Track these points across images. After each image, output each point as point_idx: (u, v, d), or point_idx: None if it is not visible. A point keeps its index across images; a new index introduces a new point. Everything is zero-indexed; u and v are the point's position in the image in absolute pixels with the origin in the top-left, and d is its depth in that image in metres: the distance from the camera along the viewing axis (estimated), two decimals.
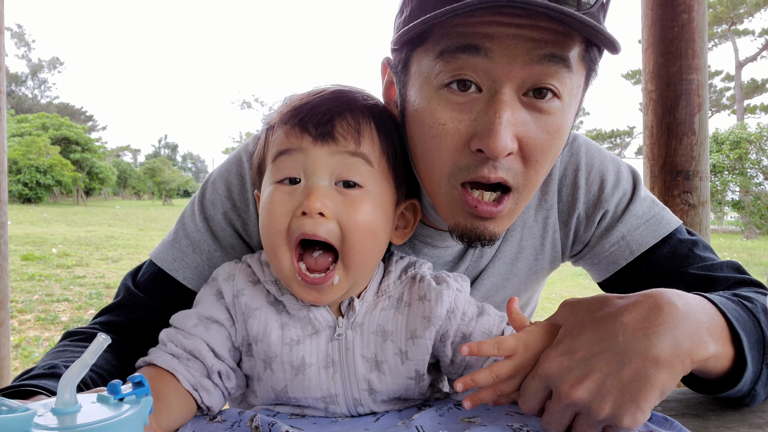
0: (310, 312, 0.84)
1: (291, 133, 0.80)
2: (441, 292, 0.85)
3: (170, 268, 1.00)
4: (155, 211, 30.62)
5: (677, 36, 2.06)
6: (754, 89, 37.81)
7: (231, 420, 0.80)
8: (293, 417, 0.85)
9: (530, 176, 0.81)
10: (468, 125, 0.77)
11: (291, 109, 0.82)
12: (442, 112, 0.78)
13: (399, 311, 0.86)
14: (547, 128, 0.78)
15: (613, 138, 43.70)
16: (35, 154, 34.72)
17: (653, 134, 2.14)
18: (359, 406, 0.85)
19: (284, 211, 0.78)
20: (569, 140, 1.05)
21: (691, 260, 0.98)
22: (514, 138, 0.76)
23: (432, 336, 0.84)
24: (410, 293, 0.87)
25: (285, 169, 0.80)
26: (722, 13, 33.73)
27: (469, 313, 0.87)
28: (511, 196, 0.82)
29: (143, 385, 0.53)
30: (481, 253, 1.04)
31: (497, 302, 1.07)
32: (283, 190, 0.79)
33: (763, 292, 0.90)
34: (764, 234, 20.42)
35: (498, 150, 0.74)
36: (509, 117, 0.74)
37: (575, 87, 0.79)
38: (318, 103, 0.81)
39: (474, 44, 0.73)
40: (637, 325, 0.66)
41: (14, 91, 76.52)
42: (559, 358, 0.67)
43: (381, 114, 0.85)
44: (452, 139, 0.78)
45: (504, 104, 0.74)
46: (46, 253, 9.92)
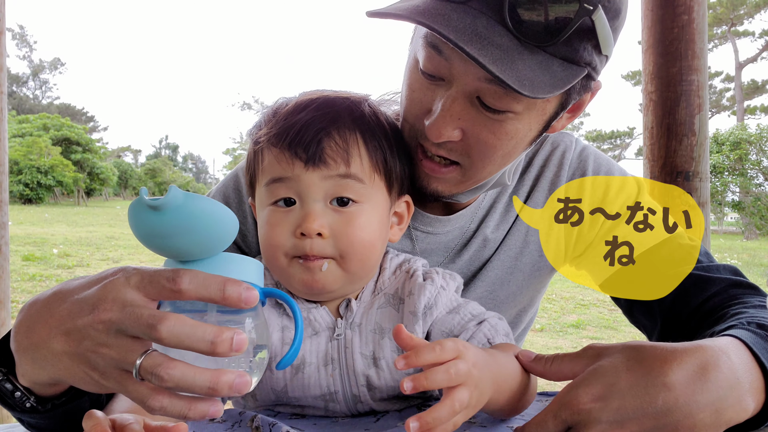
0: (310, 314, 0.85)
1: (282, 159, 0.81)
2: (424, 287, 0.86)
3: None
4: None
5: (677, 37, 2.07)
6: (754, 90, 37.81)
7: (232, 420, 0.80)
8: (294, 417, 0.85)
9: (476, 162, 0.87)
10: (428, 100, 0.84)
11: (278, 129, 0.82)
12: (415, 81, 0.86)
13: (394, 308, 0.87)
14: (495, 130, 0.83)
15: (613, 139, 43.74)
16: (36, 155, 34.77)
17: (653, 135, 2.14)
18: (359, 403, 0.86)
19: (283, 231, 0.80)
20: (578, 149, 1.09)
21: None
22: (457, 129, 0.83)
23: (421, 330, 0.85)
24: (403, 289, 0.89)
25: (279, 194, 0.82)
26: (722, 14, 33.75)
27: (441, 308, 0.87)
28: (457, 167, 0.88)
29: None
30: (485, 243, 1.06)
31: (502, 298, 1.09)
32: (280, 212, 0.82)
33: (762, 298, 0.91)
34: (764, 235, 20.42)
35: (433, 136, 0.82)
36: (455, 111, 0.81)
37: (540, 102, 0.81)
38: (305, 122, 0.81)
39: (437, 45, 0.80)
40: (680, 389, 0.62)
41: (15, 92, 76.62)
42: (591, 403, 0.63)
43: (369, 124, 0.86)
44: (415, 107, 0.87)
45: (453, 99, 0.81)
46: (46, 253, 9.94)
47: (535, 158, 1.09)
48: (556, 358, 0.74)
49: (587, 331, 6.33)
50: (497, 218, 1.07)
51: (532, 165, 1.09)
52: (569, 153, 1.08)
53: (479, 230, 1.07)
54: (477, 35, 0.73)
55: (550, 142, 1.10)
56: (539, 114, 0.84)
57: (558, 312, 7.26)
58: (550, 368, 0.74)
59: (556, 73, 0.76)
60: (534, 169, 1.09)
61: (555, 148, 1.09)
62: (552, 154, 1.09)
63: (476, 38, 0.72)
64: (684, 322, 0.96)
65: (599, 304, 7.76)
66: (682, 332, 0.96)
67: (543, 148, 1.10)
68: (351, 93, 0.91)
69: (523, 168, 1.10)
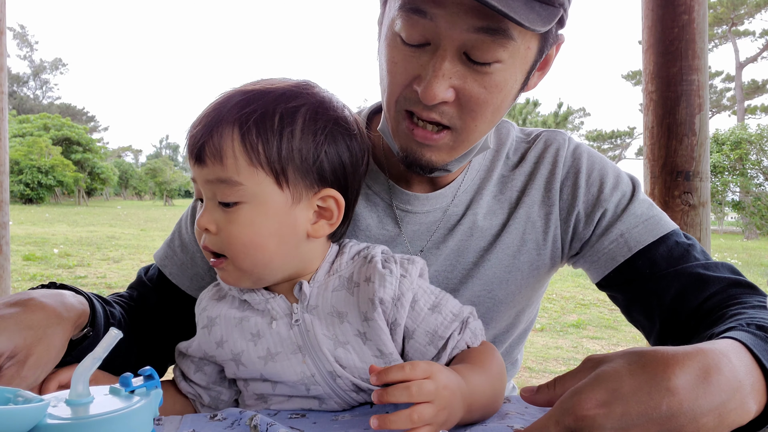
0: (269, 303, 0.87)
1: (187, 154, 0.86)
2: (384, 276, 0.84)
3: (161, 264, 1.11)
4: (156, 212, 30.66)
5: (677, 37, 2.07)
6: (755, 90, 37.79)
7: (231, 419, 0.81)
8: (293, 417, 0.86)
9: (468, 122, 0.88)
10: (414, 68, 0.85)
11: (189, 130, 0.86)
12: (397, 53, 0.87)
13: (350, 292, 0.85)
14: (485, 83, 0.85)
15: (613, 139, 43.71)
16: (37, 155, 34.78)
17: (653, 135, 2.14)
18: (337, 378, 0.85)
19: (196, 229, 0.86)
20: (571, 147, 1.09)
21: (686, 260, 0.99)
22: (449, 89, 0.84)
23: (382, 318, 0.83)
24: (359, 273, 0.86)
25: (197, 192, 0.87)
26: (723, 14, 33.73)
27: (421, 302, 0.86)
28: (449, 132, 0.89)
29: (153, 378, 0.54)
30: (472, 230, 1.05)
31: (500, 297, 1.08)
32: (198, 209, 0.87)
33: (761, 297, 0.90)
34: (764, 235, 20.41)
35: (428, 98, 0.83)
36: (446, 70, 0.82)
37: (522, 49, 0.85)
38: (198, 122, 0.84)
39: (421, 9, 0.81)
40: (684, 394, 0.61)
41: (16, 92, 76.66)
42: (595, 409, 0.62)
43: (262, 118, 0.81)
44: (401, 77, 0.87)
45: (442, 59, 0.82)
46: (47, 253, 9.94)
47: (527, 153, 1.09)
48: (558, 380, 0.73)
49: (587, 330, 6.33)
50: (486, 205, 1.06)
51: (525, 160, 1.08)
52: (563, 151, 1.08)
53: (466, 215, 1.05)
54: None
55: (543, 140, 1.10)
56: (522, 62, 0.87)
57: (558, 312, 7.26)
58: (556, 393, 0.72)
59: (540, 12, 0.80)
60: (527, 165, 1.08)
61: (548, 146, 1.09)
62: (545, 151, 1.08)
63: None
64: (683, 323, 0.96)
65: (599, 304, 7.76)
66: (680, 333, 0.96)
67: (536, 145, 1.10)
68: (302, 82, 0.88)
69: (515, 162, 1.09)
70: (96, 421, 0.48)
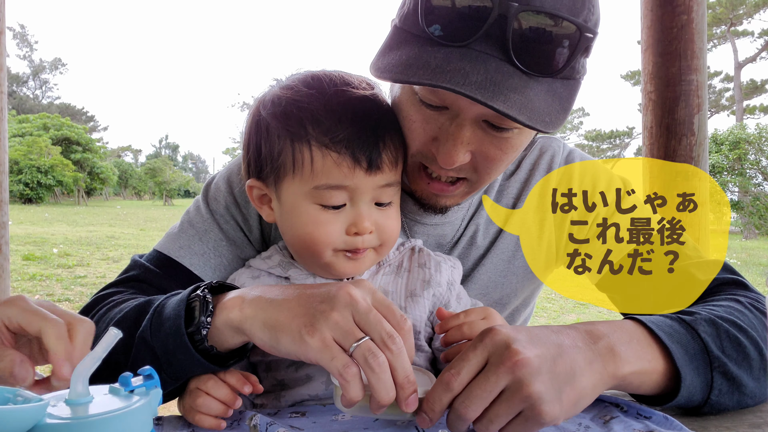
0: (316, 280, 0.92)
1: (343, 165, 0.83)
2: (440, 263, 0.97)
3: (177, 255, 1.05)
4: (156, 211, 30.65)
5: (676, 37, 2.07)
6: (754, 90, 37.83)
7: (231, 419, 0.81)
8: (293, 417, 0.86)
9: (483, 176, 0.92)
10: (433, 129, 0.87)
11: (332, 132, 0.83)
12: (415, 112, 0.88)
13: (399, 275, 0.96)
14: (502, 146, 0.87)
15: (612, 138, 43.77)
16: (36, 155, 34.75)
17: (652, 135, 2.15)
18: None
19: (334, 230, 0.86)
20: (564, 153, 1.13)
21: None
22: (467, 153, 0.87)
23: (430, 297, 0.92)
24: (410, 261, 0.98)
25: (332, 199, 0.86)
26: (721, 14, 33.76)
27: (461, 293, 0.98)
28: (464, 182, 0.94)
29: (153, 378, 0.54)
30: (472, 241, 1.09)
31: (495, 299, 1.10)
32: (329, 212, 0.87)
33: (760, 300, 0.90)
34: (763, 234, 20.42)
35: (447, 164, 0.86)
36: (465, 137, 0.84)
37: None
38: (361, 125, 0.84)
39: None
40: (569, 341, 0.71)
41: (16, 92, 76.62)
42: (506, 330, 0.69)
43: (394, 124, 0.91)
44: (419, 135, 0.89)
45: (462, 127, 0.84)
46: (47, 253, 9.94)
47: (523, 161, 1.11)
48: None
49: None
50: (486, 216, 1.10)
51: (520, 168, 1.11)
52: (557, 158, 1.11)
53: (468, 228, 1.09)
54: (494, 84, 0.75)
55: (539, 147, 1.12)
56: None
57: (558, 311, 7.27)
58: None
59: (561, 94, 0.80)
60: (522, 173, 1.11)
61: (543, 153, 1.11)
62: (540, 159, 1.11)
63: (496, 89, 0.75)
64: None
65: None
66: None
67: (531, 153, 1.12)
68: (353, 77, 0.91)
69: (511, 171, 1.12)
70: (95, 420, 0.48)
